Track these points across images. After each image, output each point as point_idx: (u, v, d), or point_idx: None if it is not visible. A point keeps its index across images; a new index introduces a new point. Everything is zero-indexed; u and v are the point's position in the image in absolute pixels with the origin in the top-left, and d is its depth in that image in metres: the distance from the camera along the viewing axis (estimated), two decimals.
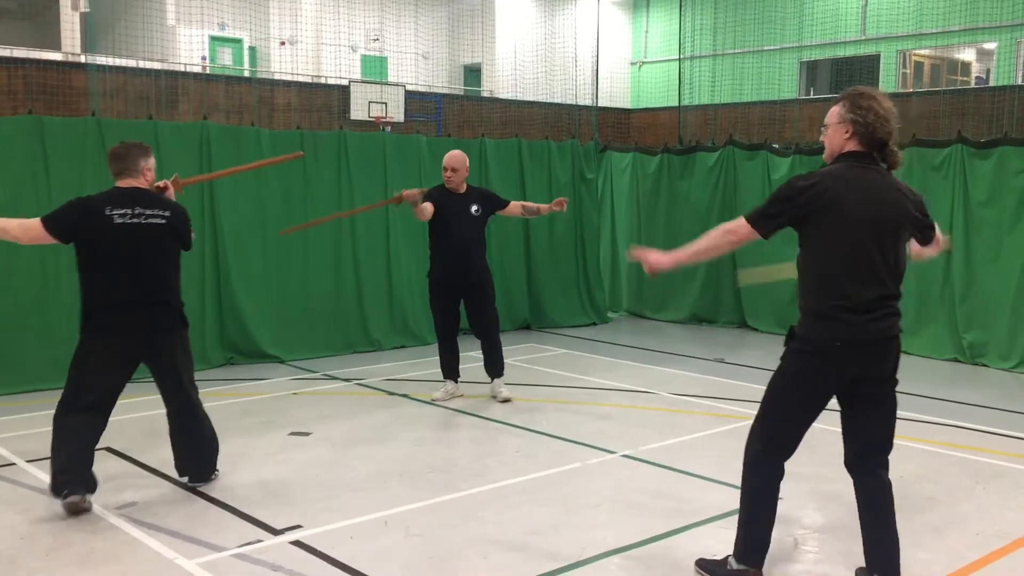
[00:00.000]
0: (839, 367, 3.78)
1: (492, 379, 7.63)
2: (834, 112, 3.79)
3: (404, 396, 7.80)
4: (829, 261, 3.75)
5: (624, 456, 6.08)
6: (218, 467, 5.56)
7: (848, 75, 15.74)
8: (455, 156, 7.41)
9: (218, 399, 7.69)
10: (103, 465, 5.81)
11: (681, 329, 11.69)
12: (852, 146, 3.76)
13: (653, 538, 4.63)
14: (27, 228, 5.03)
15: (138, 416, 7.06)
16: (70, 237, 5.03)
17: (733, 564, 4.08)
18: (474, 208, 7.34)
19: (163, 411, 5.49)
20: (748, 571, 4.04)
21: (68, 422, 5.03)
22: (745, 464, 4.03)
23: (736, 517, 4.13)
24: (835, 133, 3.79)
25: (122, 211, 4.99)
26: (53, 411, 5.96)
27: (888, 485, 3.97)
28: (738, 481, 5.45)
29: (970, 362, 9.44)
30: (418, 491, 5.39)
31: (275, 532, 4.70)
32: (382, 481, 5.58)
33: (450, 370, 7.61)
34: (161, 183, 5.37)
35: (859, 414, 3.93)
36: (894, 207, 3.75)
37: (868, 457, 3.95)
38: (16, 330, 7.93)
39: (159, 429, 6.63)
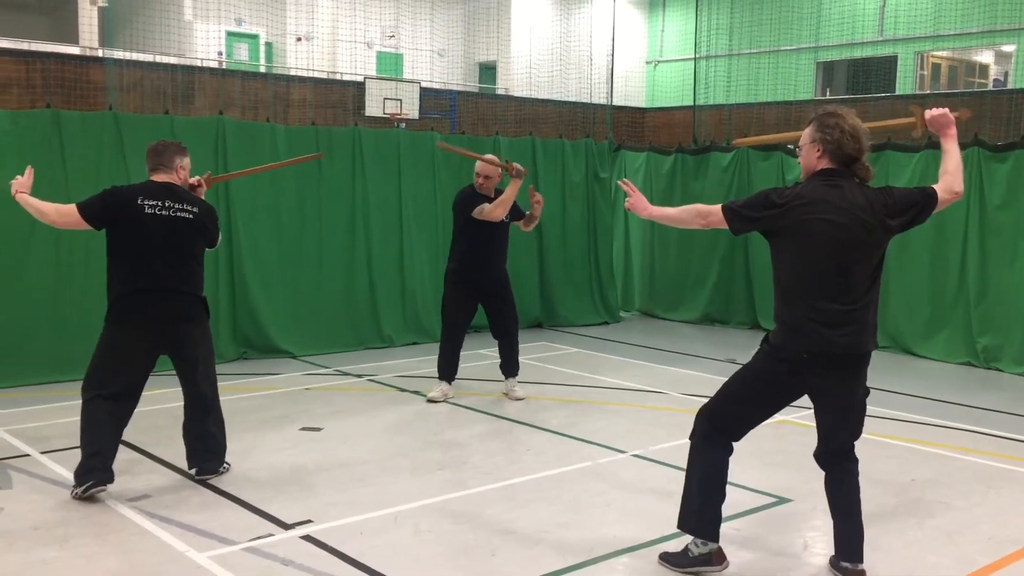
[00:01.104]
0: (804, 377, 3.97)
1: (507, 378, 7.62)
2: (806, 134, 4.03)
3: (415, 393, 7.82)
4: (798, 275, 3.93)
5: (634, 456, 6.08)
6: (227, 462, 5.59)
7: (865, 76, 15.68)
8: (490, 163, 7.40)
9: (231, 394, 7.72)
10: (116, 458, 5.85)
11: (693, 329, 11.66)
12: (824, 164, 3.97)
13: (662, 538, 4.62)
14: (63, 213, 5.23)
15: (153, 409, 7.10)
16: (102, 223, 5.18)
17: (694, 549, 4.19)
18: (505, 215, 7.36)
19: (179, 404, 5.56)
20: (711, 548, 4.16)
21: (95, 408, 5.13)
22: (693, 440, 4.21)
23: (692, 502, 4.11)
24: (808, 153, 4.02)
25: (153, 202, 5.17)
26: (66, 403, 5.98)
27: (854, 476, 4.14)
28: (748, 482, 5.48)
29: (984, 366, 9.39)
30: (428, 488, 5.40)
31: (286, 526, 4.73)
32: (393, 477, 5.59)
33: (448, 371, 7.49)
34: (194, 180, 5.51)
35: (827, 416, 4.10)
36: (862, 223, 3.89)
37: (835, 454, 4.14)
38: (29, 323, 7.98)
39: (173, 422, 6.67)
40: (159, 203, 5.18)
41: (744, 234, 4.15)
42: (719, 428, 4.15)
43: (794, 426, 6.86)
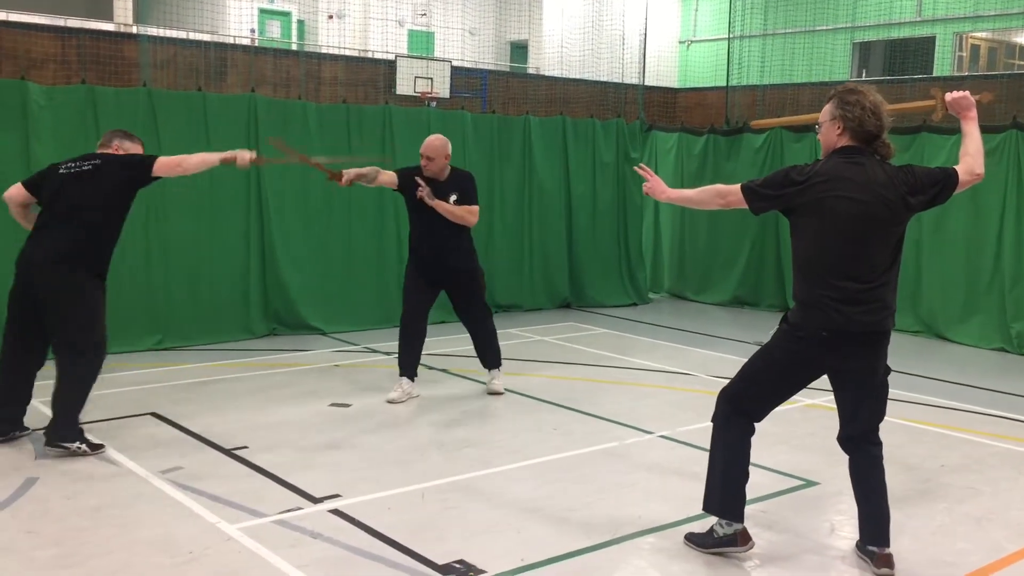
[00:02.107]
0: (823, 356, 3.98)
1: (488, 370, 7.11)
2: (826, 110, 3.99)
3: (443, 371, 7.85)
4: (816, 253, 3.91)
5: (661, 436, 6.08)
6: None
7: (902, 57, 15.42)
8: (431, 144, 6.72)
9: (261, 369, 7.81)
10: (149, 430, 5.95)
11: (722, 311, 11.61)
12: (844, 141, 3.93)
13: (688, 519, 4.63)
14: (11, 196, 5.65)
15: (184, 383, 7.21)
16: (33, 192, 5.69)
17: (719, 530, 4.20)
18: (452, 198, 6.68)
19: (210, 377, 5.62)
20: (736, 529, 4.17)
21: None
22: (715, 422, 4.22)
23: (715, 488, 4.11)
24: (828, 130, 3.98)
25: (70, 164, 5.56)
26: (102, 375, 6.15)
27: (878, 460, 4.13)
28: (774, 464, 5.47)
29: (1018, 352, 9.28)
30: (455, 465, 5.44)
31: (314, 500, 4.78)
32: (420, 454, 5.64)
33: (407, 366, 6.88)
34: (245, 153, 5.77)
35: (848, 397, 4.09)
36: (883, 201, 3.86)
37: (858, 437, 4.12)
38: None
39: (204, 395, 6.76)
40: (73, 164, 5.54)
41: (764, 213, 4.12)
42: (740, 409, 4.16)
43: (822, 409, 6.82)
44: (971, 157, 4.05)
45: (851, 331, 3.87)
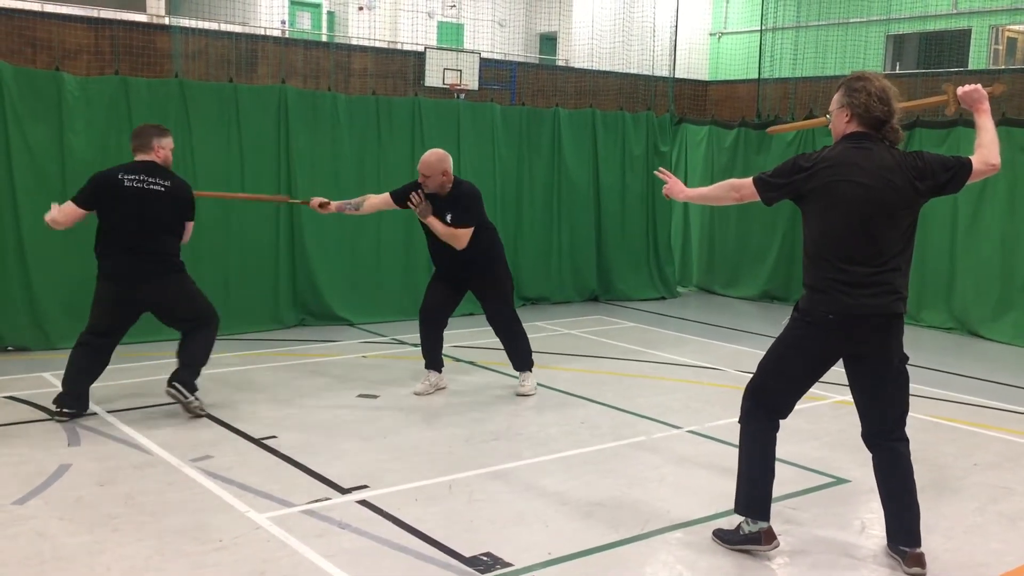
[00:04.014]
0: (834, 340, 3.95)
1: (518, 371, 6.97)
2: (835, 99, 4.01)
3: (471, 363, 7.86)
4: (824, 237, 3.91)
5: (689, 432, 6.05)
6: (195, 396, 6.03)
7: (937, 50, 15.23)
8: (426, 161, 6.58)
9: (290, 359, 7.85)
10: (180, 420, 6.00)
11: (751, 306, 11.53)
12: (853, 128, 3.94)
13: (716, 515, 4.60)
14: (64, 212, 6.11)
15: (217, 372, 7.26)
16: (91, 206, 6.04)
17: (745, 528, 4.18)
18: (448, 217, 6.53)
19: (239, 367, 5.87)
20: (761, 527, 4.15)
21: (79, 349, 6.06)
22: (741, 420, 4.21)
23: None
24: (837, 118, 4.00)
25: (132, 176, 5.96)
26: (130, 364, 6.32)
27: (904, 458, 4.07)
28: (804, 461, 5.43)
29: None
30: (483, 457, 5.44)
31: (343, 491, 4.80)
32: (447, 446, 5.64)
33: (430, 359, 6.87)
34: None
35: (867, 391, 4.06)
36: (889, 185, 3.84)
37: (881, 433, 4.08)
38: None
39: (235, 386, 6.81)
40: (135, 176, 5.95)
41: (775, 203, 4.14)
42: (763, 404, 4.14)
43: (853, 406, 6.75)
44: (985, 148, 3.99)
45: (859, 314, 3.85)
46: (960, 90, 4.13)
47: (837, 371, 4.16)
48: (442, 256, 6.72)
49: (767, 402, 4.13)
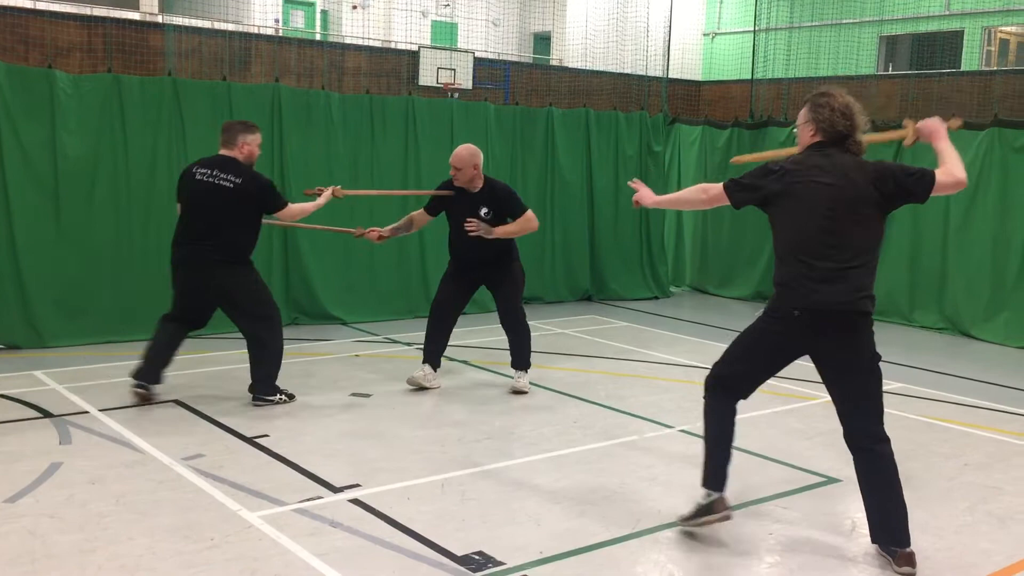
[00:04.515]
0: (801, 336, 4.07)
1: (514, 369, 7.02)
2: (801, 115, 4.20)
3: (464, 362, 7.86)
4: (792, 235, 4.06)
5: (681, 431, 6.06)
6: (278, 395, 6.31)
7: (930, 51, 15.27)
8: (458, 154, 6.72)
9: (283, 358, 7.82)
10: (172, 418, 6.00)
11: (744, 306, 11.55)
12: (817, 140, 4.12)
13: None
14: None
15: (208, 371, 7.26)
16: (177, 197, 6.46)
17: (700, 501, 4.33)
18: (483, 211, 6.67)
19: (231, 366, 6.32)
20: (712, 498, 4.29)
21: (160, 328, 6.41)
22: (704, 398, 4.40)
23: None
24: (803, 132, 4.18)
25: (204, 170, 6.17)
26: (125, 362, 6.34)
27: (887, 458, 4.10)
28: (796, 460, 5.45)
29: None
30: (475, 456, 5.45)
31: (335, 489, 4.80)
32: (440, 445, 5.64)
33: (430, 353, 6.93)
34: (316, 189, 6.63)
35: (840, 391, 4.13)
36: (851, 183, 3.98)
37: (861, 433, 4.12)
38: (91, 282, 8.17)
39: (226, 383, 6.80)
40: (207, 171, 6.16)
41: (744, 206, 4.25)
42: (724, 386, 4.32)
43: None
44: (949, 163, 4.06)
45: (824, 310, 3.95)
46: (920, 124, 4.25)
47: (814, 368, 4.17)
48: (467, 251, 6.79)
49: (727, 384, 4.32)
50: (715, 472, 4.32)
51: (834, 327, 3.98)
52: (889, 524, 4.09)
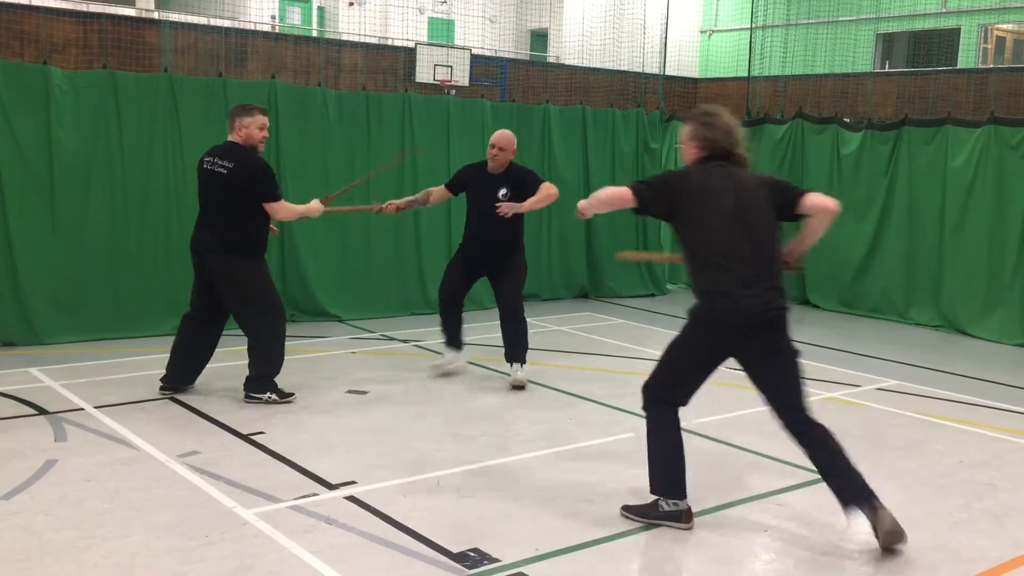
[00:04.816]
0: (727, 339, 4.23)
1: (510, 363, 7.07)
2: (684, 132, 4.42)
3: None
4: (706, 242, 4.22)
5: None
6: (267, 395, 6.26)
7: (926, 49, 15.26)
8: (504, 135, 6.97)
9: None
10: (167, 415, 5.99)
11: None
12: (704, 156, 4.34)
13: (703, 511, 4.61)
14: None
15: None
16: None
17: (665, 506, 4.41)
18: (502, 192, 6.84)
19: (226, 363, 6.36)
20: (680, 507, 4.40)
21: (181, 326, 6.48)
22: (644, 410, 4.49)
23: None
24: (687, 149, 4.40)
25: (209, 158, 6.20)
26: (119, 359, 6.33)
27: (823, 428, 4.28)
28: (790, 457, 5.44)
29: None
30: (471, 453, 5.44)
31: (330, 487, 4.80)
32: (436, 442, 5.64)
33: (450, 338, 7.22)
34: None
35: (762, 380, 4.32)
36: (750, 188, 4.26)
37: (795, 418, 4.29)
38: (86, 279, 8.15)
39: (222, 380, 6.79)
40: (210, 159, 6.17)
41: (648, 213, 4.38)
42: (661, 397, 4.43)
43: (840, 403, 6.79)
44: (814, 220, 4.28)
45: (753, 313, 4.13)
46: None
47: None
48: (485, 229, 6.97)
49: (666, 395, 4.43)
50: (676, 481, 4.42)
51: (763, 329, 4.17)
52: (854, 483, 4.20)
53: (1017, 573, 4.11)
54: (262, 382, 6.28)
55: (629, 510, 4.52)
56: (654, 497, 4.45)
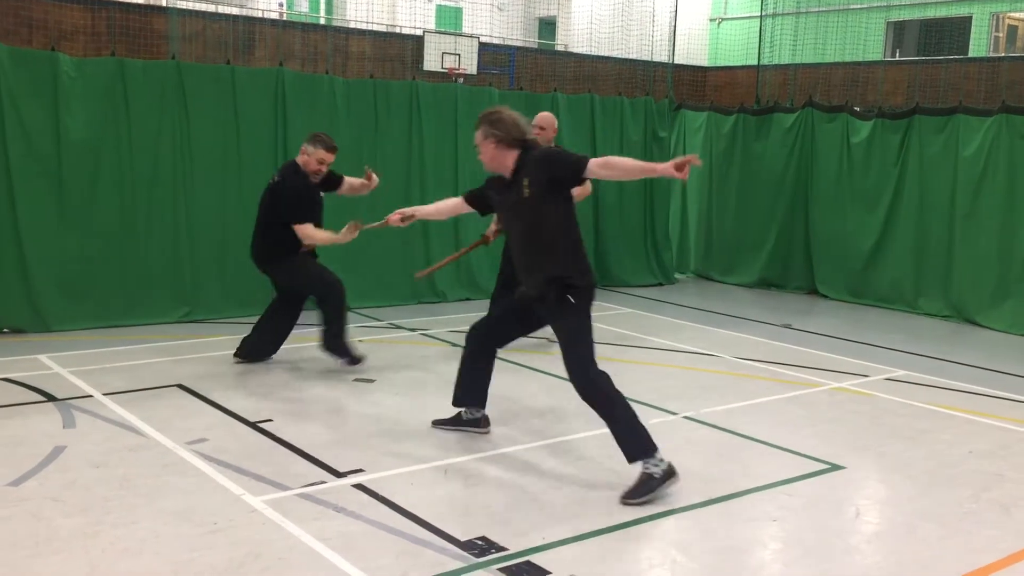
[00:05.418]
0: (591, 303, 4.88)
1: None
2: (478, 135, 4.93)
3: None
4: (575, 225, 4.83)
5: (685, 418, 6.06)
6: (348, 357, 6.89)
7: (937, 37, 15.19)
8: (548, 118, 7.65)
9: (286, 343, 7.82)
10: (176, 402, 6.00)
11: (749, 293, 11.53)
12: (503, 149, 4.85)
13: (711, 500, 4.61)
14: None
15: (211, 355, 7.27)
16: None
17: (654, 470, 4.59)
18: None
19: (232, 351, 6.48)
20: (666, 463, 4.61)
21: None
22: (593, 385, 4.75)
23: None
24: (486, 148, 4.90)
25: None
26: (127, 347, 6.33)
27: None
28: (800, 447, 5.44)
29: None
30: (478, 442, 5.44)
31: (338, 475, 4.80)
32: (443, 431, 5.64)
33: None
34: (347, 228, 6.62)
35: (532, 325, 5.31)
36: None
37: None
38: (94, 266, 8.17)
39: (231, 368, 6.81)
40: (276, 170, 7.00)
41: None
42: (593, 363, 4.82)
43: (848, 393, 6.78)
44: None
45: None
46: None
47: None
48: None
49: (593, 359, 4.84)
50: (650, 436, 4.67)
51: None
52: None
53: None
54: (337, 344, 6.87)
55: (630, 497, 4.53)
56: (640, 470, 4.60)
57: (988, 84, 11.77)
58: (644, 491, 4.53)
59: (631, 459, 4.62)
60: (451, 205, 5.55)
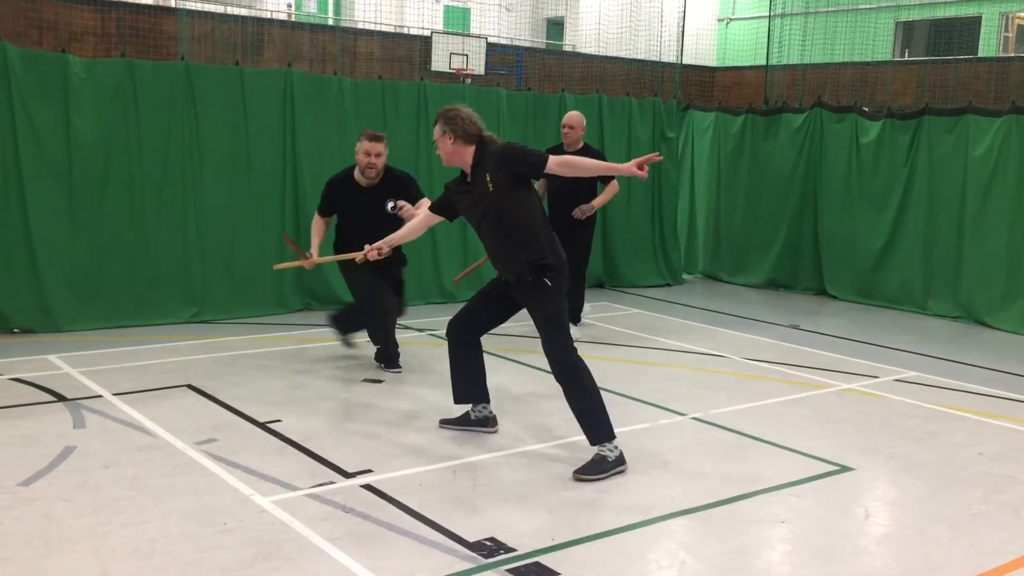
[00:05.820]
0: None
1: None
2: (436, 131, 5.10)
3: None
4: (540, 210, 5.08)
5: (693, 419, 6.05)
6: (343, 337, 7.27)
7: (947, 37, 15.15)
8: (578, 117, 8.25)
9: (295, 344, 7.86)
10: (185, 403, 6.02)
11: (757, 294, 11.51)
12: (461, 145, 5.04)
13: (719, 502, 4.60)
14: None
15: (219, 355, 7.28)
16: None
17: (609, 454, 4.91)
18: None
19: (244, 351, 6.29)
20: (620, 449, 4.95)
21: None
22: (570, 366, 4.95)
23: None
24: (443, 144, 5.08)
25: None
26: (137, 347, 6.32)
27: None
28: (809, 449, 5.43)
29: None
30: (487, 442, 5.44)
31: (347, 475, 4.81)
32: (451, 431, 5.64)
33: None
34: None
35: (510, 312, 5.44)
36: None
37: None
38: (104, 266, 8.20)
39: (240, 368, 6.82)
40: None
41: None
42: (571, 344, 4.98)
43: (857, 394, 6.76)
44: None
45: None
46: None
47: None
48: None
49: (571, 340, 5.00)
50: (609, 421, 4.96)
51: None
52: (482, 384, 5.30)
53: None
54: (344, 324, 7.21)
55: (582, 475, 4.82)
56: (596, 451, 4.90)
57: (998, 84, 11.74)
58: (597, 470, 4.84)
59: (593, 442, 4.92)
60: (420, 221, 5.57)
